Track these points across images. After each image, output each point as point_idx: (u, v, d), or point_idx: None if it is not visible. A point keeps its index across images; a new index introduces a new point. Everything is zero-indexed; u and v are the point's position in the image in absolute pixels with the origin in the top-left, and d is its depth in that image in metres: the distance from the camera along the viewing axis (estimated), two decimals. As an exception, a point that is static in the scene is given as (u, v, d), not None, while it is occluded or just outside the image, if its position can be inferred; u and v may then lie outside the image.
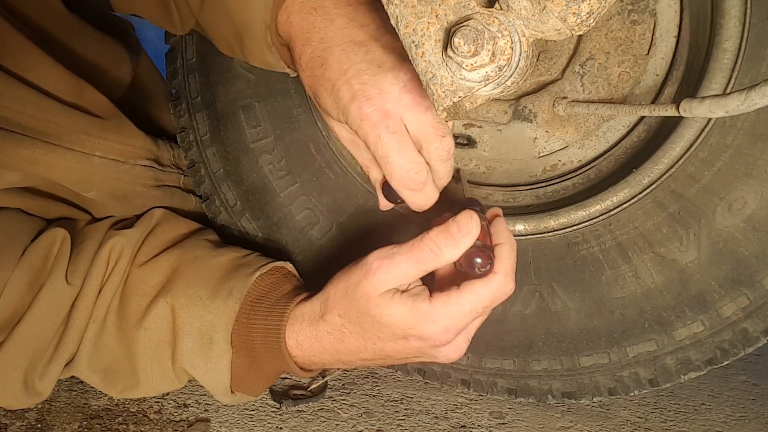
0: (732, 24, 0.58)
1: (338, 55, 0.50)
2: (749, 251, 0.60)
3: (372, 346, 0.55)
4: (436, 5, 0.47)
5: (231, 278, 0.64)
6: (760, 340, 0.61)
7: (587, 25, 0.43)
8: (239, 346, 0.60)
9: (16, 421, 0.75)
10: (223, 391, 0.62)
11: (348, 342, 0.56)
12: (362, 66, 0.49)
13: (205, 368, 0.61)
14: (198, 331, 0.61)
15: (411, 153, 0.51)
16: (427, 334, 0.52)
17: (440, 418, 0.79)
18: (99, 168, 0.73)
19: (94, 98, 0.73)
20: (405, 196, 0.54)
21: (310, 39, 0.52)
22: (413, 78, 0.49)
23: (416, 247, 0.51)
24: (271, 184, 0.78)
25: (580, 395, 0.70)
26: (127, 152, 0.76)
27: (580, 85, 0.73)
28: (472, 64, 0.44)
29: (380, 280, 0.51)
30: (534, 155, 0.77)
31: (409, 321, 0.51)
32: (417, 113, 0.50)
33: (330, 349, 0.57)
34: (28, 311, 0.61)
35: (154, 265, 0.67)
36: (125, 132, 0.76)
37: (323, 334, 0.56)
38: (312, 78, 0.53)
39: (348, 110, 0.50)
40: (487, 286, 0.51)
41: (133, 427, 0.75)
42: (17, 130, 0.64)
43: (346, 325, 0.55)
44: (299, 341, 0.58)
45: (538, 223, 0.69)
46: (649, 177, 0.64)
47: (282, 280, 0.65)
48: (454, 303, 0.51)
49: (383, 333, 0.53)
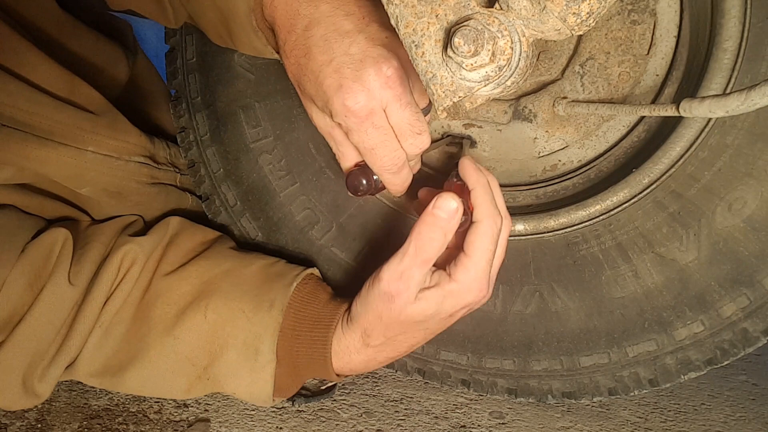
0: (732, 24, 0.58)
1: (322, 45, 0.50)
2: (749, 251, 0.60)
3: (423, 337, 0.59)
4: (436, 5, 0.47)
5: (270, 289, 0.65)
6: (760, 340, 0.61)
7: (587, 25, 0.43)
8: (283, 356, 0.62)
9: (16, 421, 0.75)
10: (265, 398, 0.63)
11: (399, 348, 0.60)
12: (345, 59, 0.49)
13: (250, 378, 0.63)
14: (243, 343, 0.63)
15: (394, 144, 0.53)
16: (469, 302, 0.56)
17: (440, 418, 0.79)
18: (92, 163, 0.73)
19: (88, 94, 0.73)
20: (386, 180, 0.57)
21: (294, 26, 0.52)
22: (395, 72, 0.49)
23: (419, 249, 0.53)
24: (271, 184, 0.78)
25: (580, 395, 0.70)
26: (121, 148, 0.76)
27: (580, 85, 0.73)
28: (472, 64, 0.44)
29: (406, 299, 0.54)
30: (534, 155, 0.77)
31: (451, 304, 0.55)
32: (397, 108, 0.50)
33: (384, 359, 0.61)
34: (29, 311, 0.60)
35: (182, 274, 0.67)
36: (119, 128, 0.76)
37: (374, 355, 0.60)
38: (296, 66, 0.53)
39: (332, 104, 0.50)
40: (481, 235, 0.53)
41: (133, 427, 0.75)
42: (9, 124, 0.64)
43: (393, 339, 0.58)
44: (351, 367, 0.61)
45: (538, 223, 0.69)
46: (649, 177, 0.64)
47: (317, 289, 0.67)
48: (472, 266, 0.54)
49: (430, 324, 0.57)
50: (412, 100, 0.51)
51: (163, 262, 0.69)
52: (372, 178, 0.58)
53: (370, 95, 0.49)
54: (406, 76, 0.51)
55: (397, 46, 0.49)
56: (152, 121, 0.93)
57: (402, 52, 0.50)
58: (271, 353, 0.62)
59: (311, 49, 0.50)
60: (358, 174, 0.58)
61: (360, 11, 0.51)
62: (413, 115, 0.51)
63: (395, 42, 0.49)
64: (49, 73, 0.68)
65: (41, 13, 0.72)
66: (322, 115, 0.57)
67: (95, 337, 0.64)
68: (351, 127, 0.51)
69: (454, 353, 0.73)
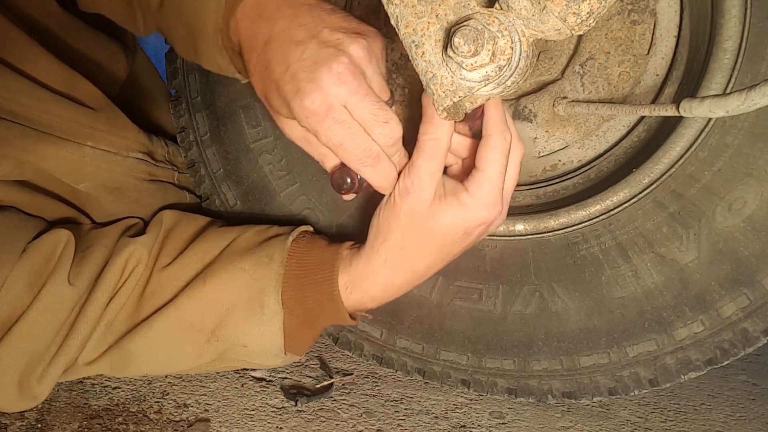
0: (732, 24, 0.58)
1: (279, 56, 0.52)
2: (749, 251, 0.60)
3: (441, 256, 0.59)
4: (436, 5, 0.47)
5: (267, 246, 0.65)
6: (760, 340, 0.61)
7: (587, 25, 0.43)
8: (291, 305, 0.63)
9: (16, 421, 0.75)
10: (276, 352, 0.64)
11: (418, 268, 0.59)
12: (299, 64, 0.51)
13: (259, 332, 0.63)
14: (248, 300, 0.63)
15: (362, 137, 0.53)
16: (485, 219, 0.56)
17: (440, 418, 0.79)
18: (90, 158, 0.73)
19: (87, 90, 0.73)
20: (366, 175, 0.56)
21: (255, 45, 0.55)
22: (346, 68, 0.50)
23: (419, 148, 0.54)
24: (271, 184, 0.78)
25: (580, 395, 0.70)
26: (119, 144, 0.76)
27: (580, 85, 0.73)
28: (472, 64, 0.44)
29: (421, 191, 0.55)
30: (534, 155, 0.77)
31: (465, 217, 0.55)
32: (356, 101, 0.51)
33: (403, 283, 0.61)
34: (26, 311, 0.60)
35: (182, 261, 0.67)
36: (118, 124, 0.76)
37: (394, 275, 0.60)
38: (261, 82, 0.56)
39: (293, 108, 0.52)
40: (494, 149, 0.54)
41: (133, 427, 0.75)
42: (8, 117, 0.64)
43: (409, 252, 0.58)
44: (372, 294, 0.61)
45: (538, 223, 0.69)
46: (649, 177, 0.64)
47: (315, 239, 0.67)
48: (485, 180, 0.54)
49: (448, 239, 0.57)
50: (369, 92, 0.52)
51: (161, 256, 0.69)
52: (355, 176, 0.58)
53: (324, 93, 0.50)
54: (362, 72, 0.52)
55: (348, 44, 0.51)
56: (151, 119, 0.94)
57: (354, 50, 0.51)
58: (277, 304, 0.62)
59: (270, 62, 0.53)
60: (340, 172, 0.58)
61: (312, 20, 0.53)
62: (374, 104, 0.52)
63: (346, 41, 0.51)
64: (48, 68, 0.69)
65: (41, 9, 0.72)
66: (292, 124, 0.59)
67: (97, 334, 0.64)
68: (315, 128, 0.52)
69: (454, 353, 0.73)
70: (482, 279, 0.71)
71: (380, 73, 0.54)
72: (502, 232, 0.70)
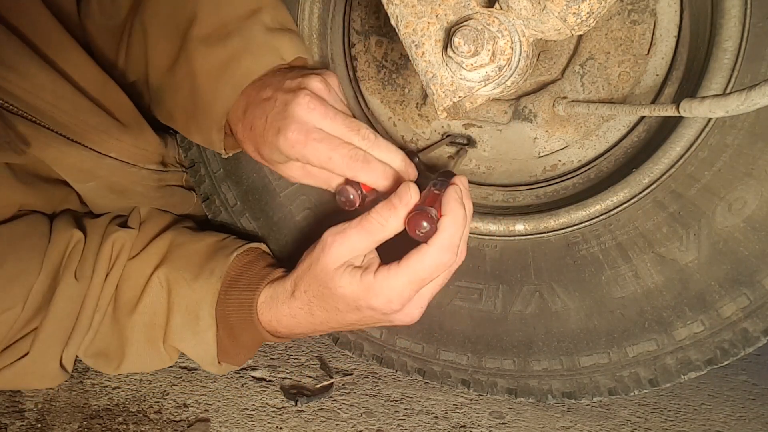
0: (732, 24, 0.58)
1: (257, 114, 0.61)
2: (749, 251, 0.60)
3: (335, 316, 0.61)
4: (436, 5, 0.47)
5: (212, 259, 0.70)
6: (760, 340, 0.61)
7: (587, 25, 0.43)
8: (221, 320, 0.67)
9: (16, 422, 0.75)
10: (210, 361, 0.68)
11: (316, 315, 0.62)
12: (274, 112, 0.59)
13: (193, 342, 0.67)
14: (186, 309, 0.68)
15: (345, 147, 0.57)
16: (374, 305, 0.57)
17: (440, 418, 0.79)
18: (108, 167, 0.76)
19: (118, 100, 0.76)
20: (362, 179, 0.58)
21: (237, 115, 0.63)
22: (311, 97, 0.57)
23: (365, 219, 0.55)
24: (271, 184, 0.78)
25: (580, 395, 0.70)
26: (139, 156, 0.79)
27: (580, 85, 0.73)
28: (472, 64, 0.44)
29: (335, 254, 0.56)
30: (534, 155, 0.77)
31: (358, 293, 0.56)
32: (328, 123, 0.57)
33: (304, 323, 0.63)
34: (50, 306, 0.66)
35: (144, 256, 0.71)
36: (142, 138, 0.79)
37: (296, 311, 0.63)
38: (250, 141, 0.62)
39: (280, 147, 0.58)
40: (422, 260, 0.54)
41: (133, 427, 0.75)
42: (49, 124, 0.68)
43: (312, 300, 0.61)
44: (278, 318, 0.64)
45: (538, 223, 0.69)
46: (649, 177, 0.64)
47: (257, 259, 0.71)
48: (393, 276, 0.55)
49: (340, 305, 0.59)
50: (337, 111, 0.58)
51: (133, 248, 0.72)
52: (355, 189, 0.60)
53: (300, 122, 0.57)
54: (324, 100, 0.58)
55: (307, 82, 0.58)
56: None
57: (313, 84, 0.58)
58: (210, 318, 0.66)
59: (252, 123, 0.61)
60: (341, 187, 0.61)
61: (275, 82, 0.61)
62: (344, 120, 0.58)
63: (305, 80, 0.59)
64: (84, 69, 0.72)
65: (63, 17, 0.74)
66: (289, 166, 0.63)
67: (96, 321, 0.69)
68: (303, 153, 0.57)
69: (454, 353, 0.73)
70: (482, 279, 0.71)
71: (341, 101, 0.61)
72: (502, 232, 0.70)
